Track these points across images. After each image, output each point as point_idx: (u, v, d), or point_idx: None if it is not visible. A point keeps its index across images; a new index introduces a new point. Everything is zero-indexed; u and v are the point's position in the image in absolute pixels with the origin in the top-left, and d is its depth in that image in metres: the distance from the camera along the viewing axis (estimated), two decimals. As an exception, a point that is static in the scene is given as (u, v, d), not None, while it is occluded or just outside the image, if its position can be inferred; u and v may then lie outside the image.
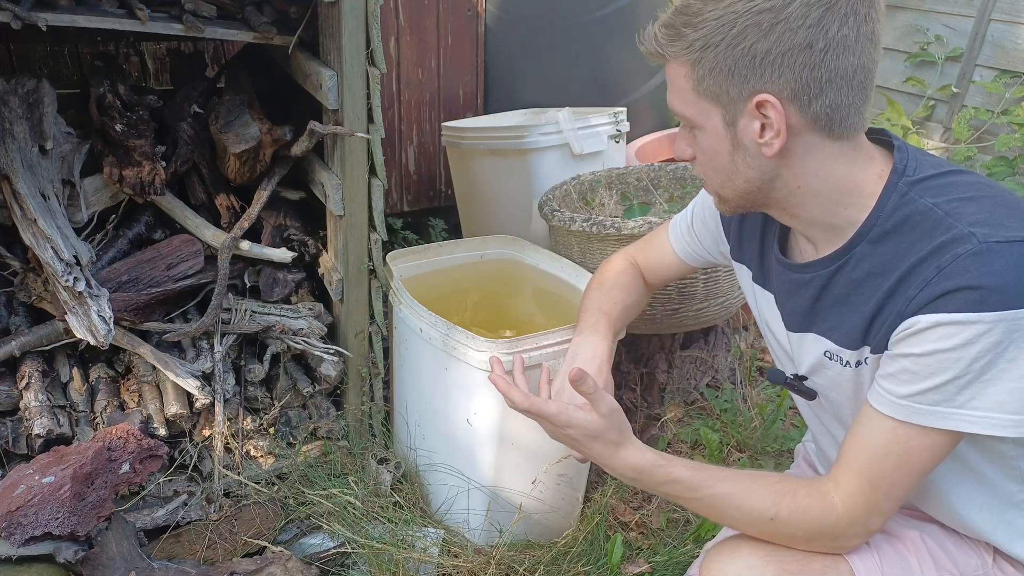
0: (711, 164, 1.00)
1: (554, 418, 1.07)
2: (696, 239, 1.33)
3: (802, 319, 1.06)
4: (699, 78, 0.94)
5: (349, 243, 1.76)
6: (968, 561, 1.05)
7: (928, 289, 0.86)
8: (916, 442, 0.91)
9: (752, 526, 1.01)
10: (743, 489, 1.00)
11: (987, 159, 2.79)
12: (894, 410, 0.91)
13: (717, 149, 0.98)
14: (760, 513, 0.99)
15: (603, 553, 1.65)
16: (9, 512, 1.31)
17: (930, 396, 0.88)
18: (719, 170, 1.00)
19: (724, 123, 0.95)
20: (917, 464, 0.92)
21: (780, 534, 1.00)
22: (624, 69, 2.95)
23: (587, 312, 1.37)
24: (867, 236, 0.95)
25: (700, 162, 1.02)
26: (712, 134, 0.97)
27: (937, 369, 0.86)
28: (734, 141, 0.96)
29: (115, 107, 1.80)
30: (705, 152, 1.00)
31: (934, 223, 0.89)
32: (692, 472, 1.02)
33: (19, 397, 1.60)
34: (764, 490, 0.99)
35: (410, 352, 1.75)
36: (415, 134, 2.82)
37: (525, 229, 2.35)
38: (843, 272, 0.98)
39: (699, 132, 0.99)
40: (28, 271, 1.70)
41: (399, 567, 1.56)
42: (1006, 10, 2.86)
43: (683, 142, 1.03)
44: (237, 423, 1.76)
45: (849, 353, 0.99)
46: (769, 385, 2.30)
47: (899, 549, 1.03)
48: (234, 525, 1.64)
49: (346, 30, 1.54)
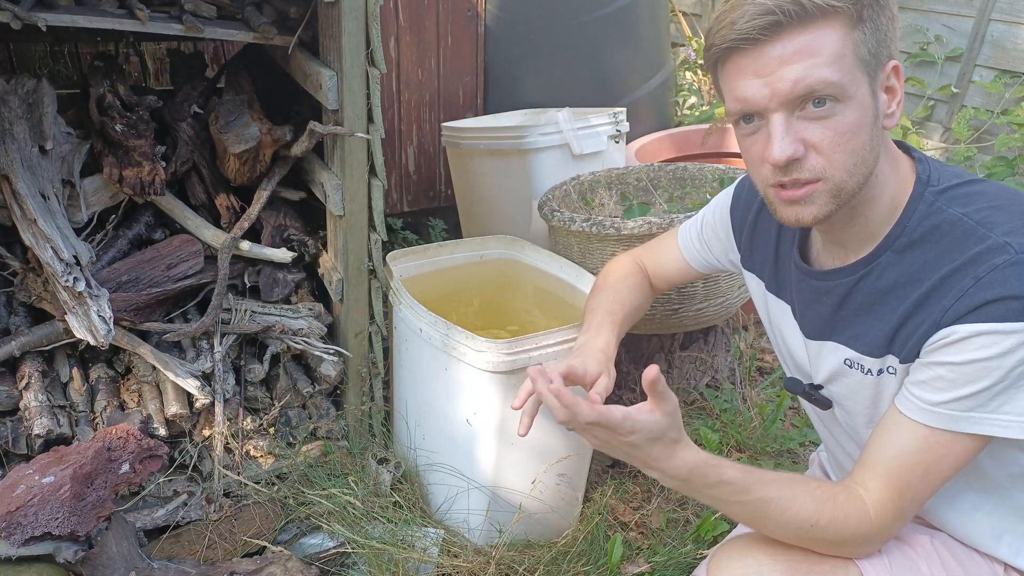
0: (847, 146, 0.89)
1: (618, 426, 0.92)
2: (705, 246, 1.33)
3: (822, 327, 1.05)
4: (860, 40, 0.87)
5: (349, 243, 1.76)
6: (979, 571, 1.04)
7: (966, 299, 0.86)
8: (947, 449, 0.90)
9: (792, 532, 0.97)
10: (789, 495, 0.95)
11: (987, 159, 2.79)
12: (927, 417, 0.90)
13: (862, 123, 0.89)
14: (803, 520, 0.95)
15: (603, 553, 1.65)
16: (9, 512, 1.31)
17: (965, 403, 0.88)
18: (855, 151, 0.89)
19: (871, 92, 0.89)
20: (944, 471, 0.92)
21: (813, 539, 0.97)
22: (624, 69, 2.95)
23: (593, 312, 1.36)
24: (893, 245, 0.95)
25: (828, 149, 0.89)
26: (859, 106, 0.88)
27: (975, 377, 0.86)
28: (876, 113, 0.90)
29: (115, 107, 1.80)
30: (844, 132, 0.88)
31: (965, 233, 0.89)
32: (743, 474, 0.96)
33: (19, 397, 1.60)
34: (808, 496, 0.95)
35: (410, 352, 1.75)
36: (415, 134, 2.82)
37: (525, 229, 2.35)
38: (867, 281, 0.98)
39: (841, 107, 0.88)
40: (28, 271, 1.70)
41: (399, 567, 1.56)
42: (1006, 10, 2.86)
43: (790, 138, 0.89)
44: (237, 423, 1.76)
45: (872, 361, 0.98)
46: (769, 385, 2.30)
47: (908, 554, 1.03)
48: (234, 525, 1.64)
49: (346, 30, 1.54)
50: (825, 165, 0.90)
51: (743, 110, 0.92)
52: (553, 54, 2.80)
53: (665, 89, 3.16)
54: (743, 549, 1.02)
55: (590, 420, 0.93)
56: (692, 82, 3.79)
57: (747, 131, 0.94)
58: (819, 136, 0.89)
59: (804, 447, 2.07)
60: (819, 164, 0.90)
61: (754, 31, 0.86)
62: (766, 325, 1.23)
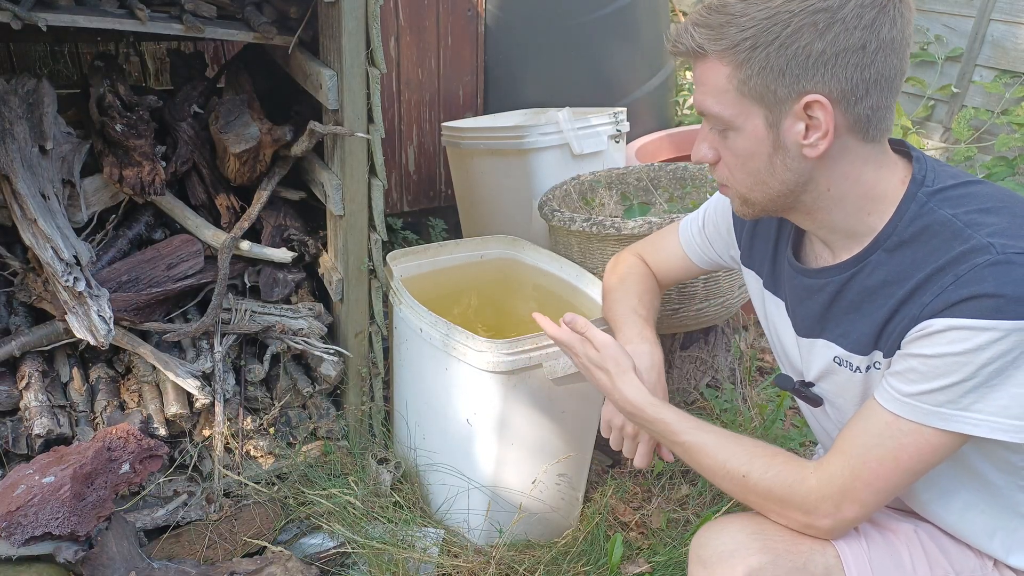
0: (744, 167, 0.98)
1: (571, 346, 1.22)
2: (707, 241, 1.33)
3: (813, 325, 1.06)
4: (744, 78, 0.91)
5: (349, 243, 1.76)
6: (966, 562, 1.05)
7: (944, 295, 0.87)
8: (909, 439, 0.91)
9: (725, 479, 1.05)
10: (722, 443, 1.06)
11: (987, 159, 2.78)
12: (897, 406, 0.92)
13: (755, 151, 0.95)
14: (734, 468, 1.03)
15: (603, 553, 1.65)
16: (9, 512, 1.31)
17: (936, 397, 0.88)
18: (752, 172, 0.98)
19: (767, 124, 0.93)
20: (906, 461, 0.92)
21: (753, 493, 1.03)
22: (624, 69, 2.95)
23: (624, 317, 1.35)
24: (884, 244, 0.96)
25: (729, 165, 0.99)
26: (751, 136, 0.95)
27: (945, 371, 0.87)
28: (776, 143, 0.94)
29: (115, 107, 1.80)
30: (738, 154, 0.97)
31: (953, 234, 0.89)
32: (679, 418, 1.10)
33: (19, 397, 1.60)
34: (741, 448, 1.04)
35: (410, 352, 1.75)
36: (415, 134, 2.82)
37: (525, 229, 2.35)
38: (857, 279, 0.99)
39: (734, 134, 0.96)
40: (28, 271, 1.70)
41: (399, 567, 1.56)
42: (1006, 10, 2.86)
43: (706, 144, 1.00)
44: (237, 423, 1.76)
45: (859, 359, 0.99)
46: (769, 385, 2.30)
47: (890, 540, 1.04)
48: (234, 525, 1.64)
49: (346, 30, 1.54)
50: (728, 176, 1.01)
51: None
52: (553, 54, 2.80)
53: (665, 89, 3.16)
54: (724, 526, 1.06)
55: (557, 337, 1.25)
56: (692, 82, 3.79)
57: None
58: (721, 152, 1.00)
59: (804, 447, 2.07)
60: (724, 174, 1.02)
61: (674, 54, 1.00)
62: (763, 322, 1.24)
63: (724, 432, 1.08)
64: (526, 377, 1.54)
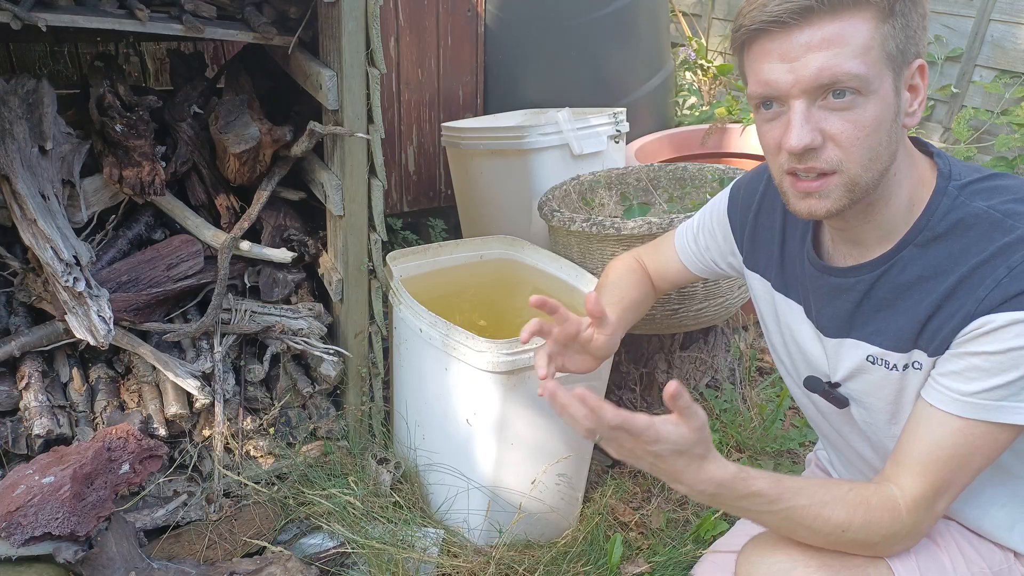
0: (866, 141, 0.88)
1: (642, 433, 0.89)
2: (701, 250, 1.32)
3: (841, 324, 1.04)
4: (889, 34, 0.85)
5: (349, 243, 1.76)
6: (992, 556, 1.05)
7: (1000, 289, 0.86)
8: (981, 440, 0.90)
9: (824, 538, 0.96)
10: (820, 501, 0.94)
11: (987, 159, 2.79)
12: (961, 408, 0.90)
13: (882, 119, 0.88)
14: (835, 526, 0.94)
15: (603, 553, 1.65)
16: (9, 512, 1.31)
17: (999, 392, 0.88)
18: (873, 147, 0.89)
19: (895, 89, 0.88)
20: (977, 462, 0.91)
21: (845, 543, 0.96)
22: (624, 69, 2.95)
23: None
24: (915, 240, 0.94)
25: (848, 141, 0.89)
26: (882, 102, 0.87)
27: (1010, 366, 0.86)
28: (897, 110, 0.89)
29: (115, 107, 1.80)
30: (864, 126, 0.88)
31: (991, 225, 0.89)
32: (772, 485, 0.94)
33: (19, 397, 1.60)
34: (839, 502, 0.94)
35: (410, 352, 1.75)
36: (415, 134, 2.82)
37: (525, 229, 2.35)
38: (889, 276, 0.97)
39: (863, 101, 0.87)
40: (28, 271, 1.70)
41: (399, 567, 1.56)
42: (1006, 10, 2.86)
43: (809, 127, 0.88)
44: (237, 423, 1.76)
45: (897, 356, 0.97)
46: (768, 385, 2.30)
47: (932, 549, 1.03)
48: (234, 525, 1.64)
49: (346, 30, 1.54)
50: (842, 158, 0.89)
51: (764, 94, 0.92)
52: (553, 54, 2.80)
53: (665, 89, 3.16)
54: (775, 545, 1.01)
55: (614, 424, 0.89)
56: (692, 82, 3.79)
57: (767, 117, 0.94)
58: (838, 128, 0.88)
59: (804, 447, 2.07)
60: (836, 156, 0.89)
61: (784, 15, 0.85)
62: (770, 325, 1.21)
63: (812, 484, 0.96)
64: (526, 377, 1.54)
